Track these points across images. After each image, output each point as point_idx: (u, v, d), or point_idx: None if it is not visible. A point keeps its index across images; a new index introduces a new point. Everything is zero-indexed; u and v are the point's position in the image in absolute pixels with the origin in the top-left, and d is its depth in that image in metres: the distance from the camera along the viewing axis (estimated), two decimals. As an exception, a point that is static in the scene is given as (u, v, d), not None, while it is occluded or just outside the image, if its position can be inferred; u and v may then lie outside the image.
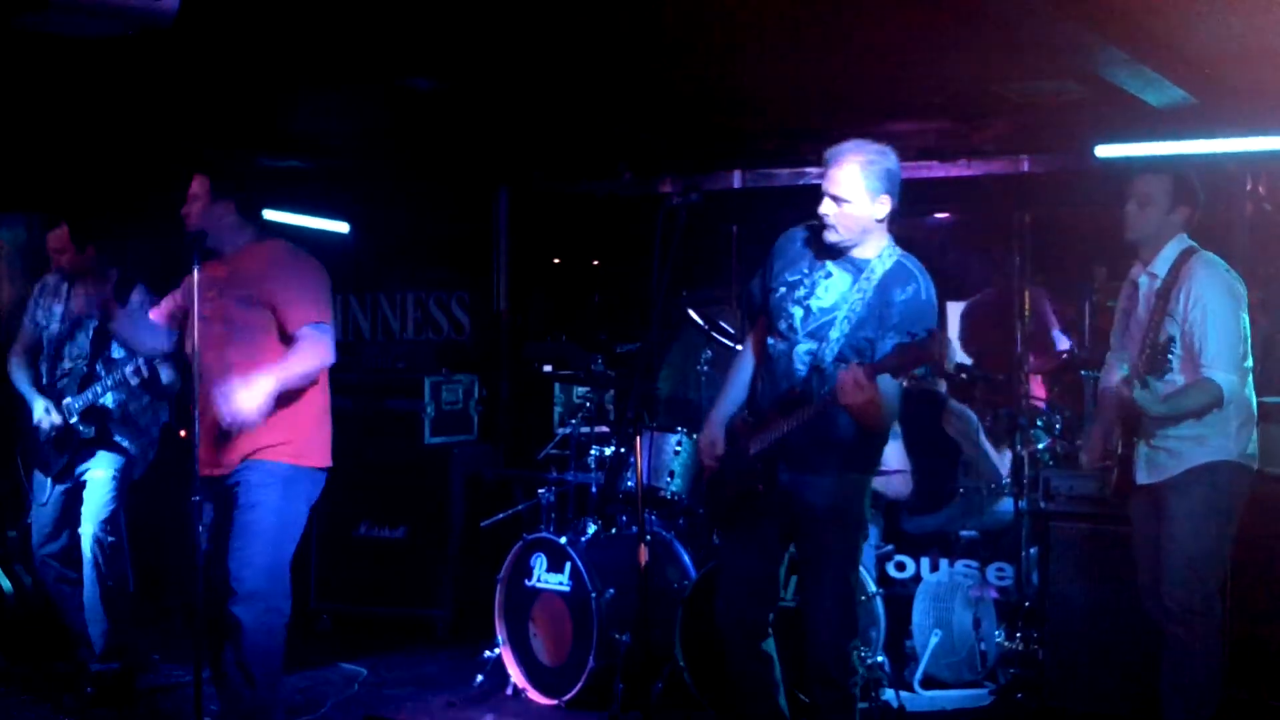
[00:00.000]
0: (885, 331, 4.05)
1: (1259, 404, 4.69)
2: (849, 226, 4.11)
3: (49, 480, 5.75)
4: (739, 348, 4.68)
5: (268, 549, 4.52)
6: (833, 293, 4.16)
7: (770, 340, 4.28)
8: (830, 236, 4.14)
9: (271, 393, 4.36)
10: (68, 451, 5.69)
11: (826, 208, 4.11)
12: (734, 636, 4.37)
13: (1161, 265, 4.64)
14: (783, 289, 4.24)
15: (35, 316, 5.88)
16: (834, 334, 4.11)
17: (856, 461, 4.22)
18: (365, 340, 8.49)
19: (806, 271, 4.22)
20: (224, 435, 4.48)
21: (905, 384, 4.05)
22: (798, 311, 4.19)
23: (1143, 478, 4.62)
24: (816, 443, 4.12)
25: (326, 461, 4.72)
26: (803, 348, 4.17)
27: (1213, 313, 4.47)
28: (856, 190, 4.08)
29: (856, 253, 4.17)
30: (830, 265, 4.20)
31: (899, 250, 4.19)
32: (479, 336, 8.22)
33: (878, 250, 4.16)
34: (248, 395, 4.32)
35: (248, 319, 4.55)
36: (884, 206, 4.12)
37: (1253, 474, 4.64)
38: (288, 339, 4.55)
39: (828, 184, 4.11)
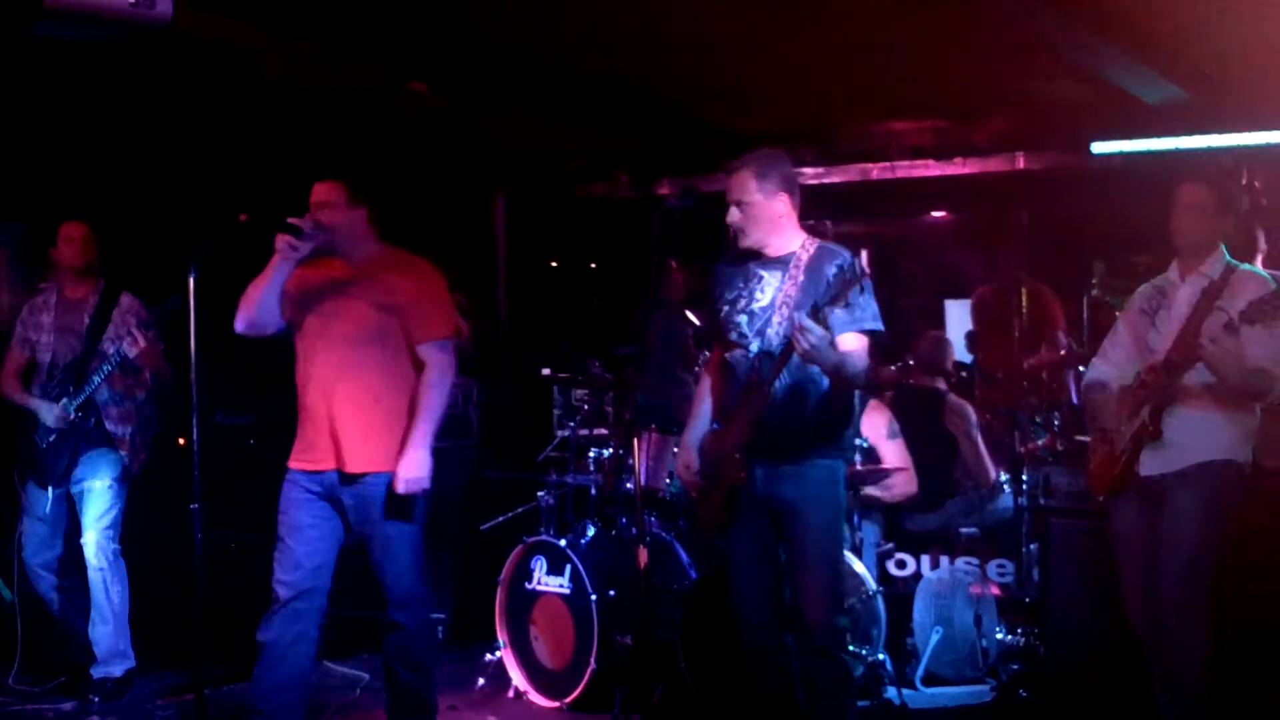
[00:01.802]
0: (824, 300, 4.18)
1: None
2: (755, 225, 4.35)
3: (47, 491, 5.75)
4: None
5: (416, 554, 4.79)
6: (768, 291, 4.37)
7: (727, 354, 4.46)
8: (744, 241, 4.38)
9: (428, 447, 4.66)
10: (68, 451, 5.70)
11: (731, 216, 4.36)
12: (755, 628, 4.42)
13: (1214, 269, 4.67)
14: (725, 307, 4.45)
15: (26, 336, 5.89)
16: (775, 320, 4.30)
17: (827, 448, 4.36)
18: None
19: (742, 285, 4.44)
20: (340, 432, 4.69)
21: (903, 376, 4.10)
22: (743, 319, 4.39)
23: (1147, 469, 4.61)
24: (786, 431, 4.27)
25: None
26: (755, 345, 4.35)
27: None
28: (751, 191, 4.32)
29: (776, 250, 4.39)
30: (760, 270, 4.42)
31: (818, 240, 4.43)
32: (478, 340, 8.21)
33: (798, 243, 4.40)
34: (414, 464, 4.64)
35: (382, 323, 4.74)
36: (782, 201, 4.36)
37: (1247, 478, 4.66)
38: (411, 348, 4.77)
39: (728, 193, 4.36)
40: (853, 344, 4.20)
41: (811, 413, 4.28)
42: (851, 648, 5.17)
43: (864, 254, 3.94)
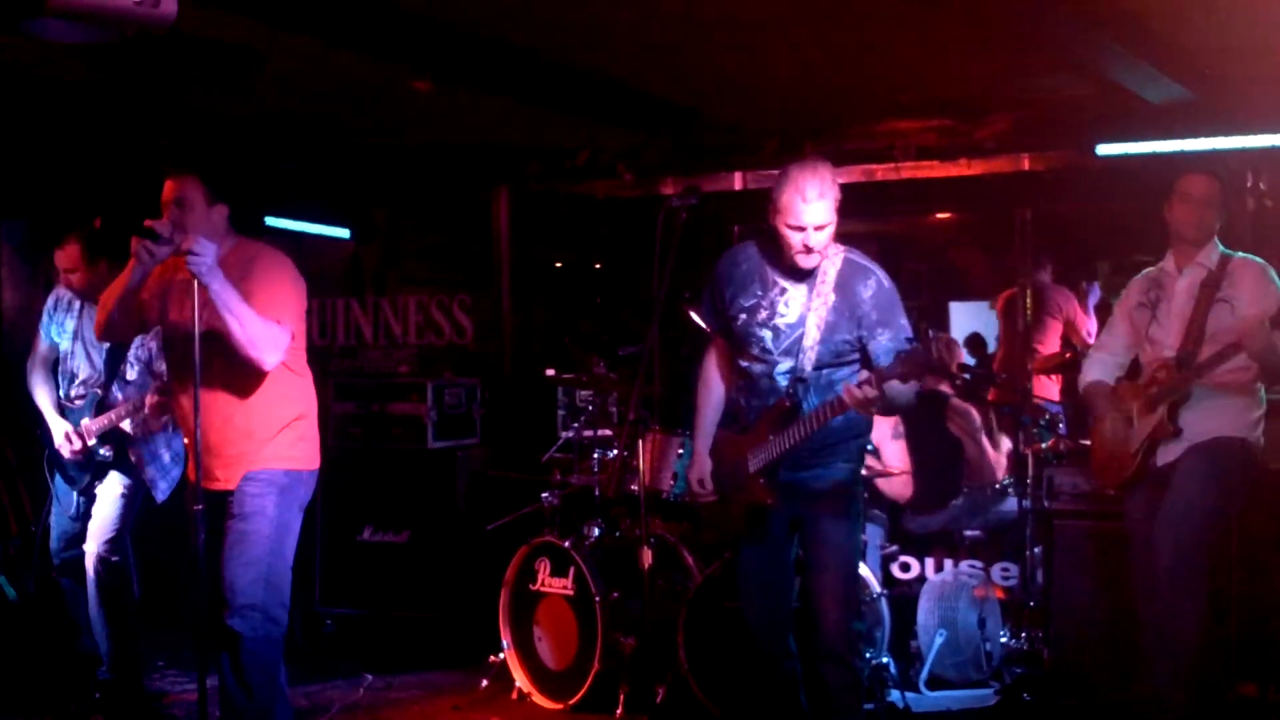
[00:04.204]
0: (870, 331, 4.14)
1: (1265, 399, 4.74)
2: (826, 248, 4.18)
3: (74, 492, 5.72)
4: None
5: (264, 559, 4.47)
6: (794, 307, 4.23)
7: (745, 363, 4.35)
8: (811, 262, 4.16)
9: (216, 268, 4.24)
10: (88, 472, 5.66)
11: (814, 241, 4.10)
12: (766, 634, 4.44)
13: (1210, 258, 4.71)
14: (743, 315, 4.30)
15: (50, 331, 5.84)
16: (808, 343, 4.19)
17: (849, 455, 4.36)
18: (368, 344, 8.49)
19: (761, 293, 4.28)
20: (221, 448, 4.46)
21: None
22: (767, 334, 4.27)
23: (1162, 459, 4.66)
24: (811, 449, 4.24)
25: (317, 464, 4.70)
26: (782, 366, 4.26)
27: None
28: (834, 212, 4.13)
29: None
30: (782, 281, 4.26)
31: (839, 246, 4.25)
32: (481, 339, 8.22)
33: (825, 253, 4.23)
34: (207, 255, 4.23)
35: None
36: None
37: (1259, 462, 4.68)
38: None
39: (811, 217, 4.07)
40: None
41: (837, 427, 4.21)
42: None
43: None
